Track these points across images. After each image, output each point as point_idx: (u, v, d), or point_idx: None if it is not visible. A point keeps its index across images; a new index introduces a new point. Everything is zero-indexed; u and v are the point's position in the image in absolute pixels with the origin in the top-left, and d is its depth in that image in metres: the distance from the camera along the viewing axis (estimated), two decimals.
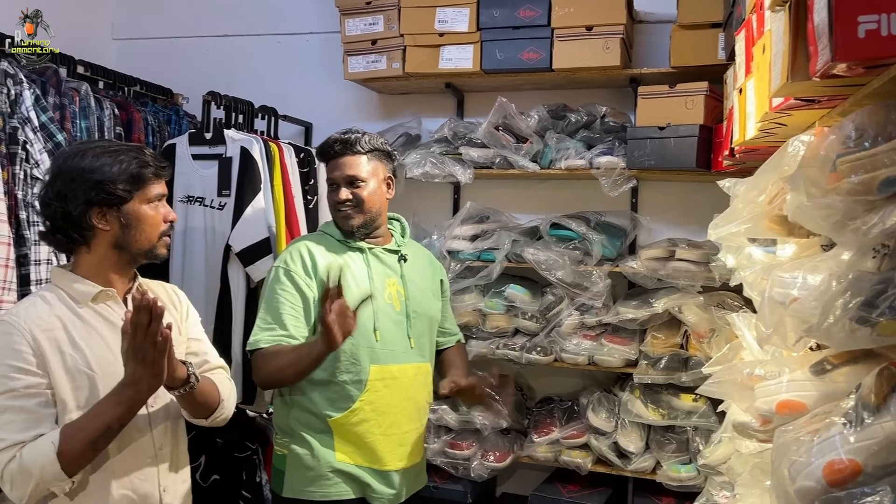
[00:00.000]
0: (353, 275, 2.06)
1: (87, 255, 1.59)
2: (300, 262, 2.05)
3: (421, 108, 3.25)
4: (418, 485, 2.18)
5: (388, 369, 2.04)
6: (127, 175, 1.56)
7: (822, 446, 0.97)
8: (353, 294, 2.01)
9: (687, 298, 2.62)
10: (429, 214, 3.18)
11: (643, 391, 2.69)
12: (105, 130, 2.57)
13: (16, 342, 1.47)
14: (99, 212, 1.56)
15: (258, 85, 3.29)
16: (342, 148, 2.11)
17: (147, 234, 1.60)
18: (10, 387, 1.45)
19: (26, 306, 1.54)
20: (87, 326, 1.56)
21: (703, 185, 2.82)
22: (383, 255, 2.14)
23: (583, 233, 2.76)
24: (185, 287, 2.58)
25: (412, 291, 2.15)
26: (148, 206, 1.60)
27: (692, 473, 2.57)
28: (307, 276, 2.03)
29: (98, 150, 1.58)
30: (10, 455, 1.42)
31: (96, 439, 1.46)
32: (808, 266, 1.19)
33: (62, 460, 1.42)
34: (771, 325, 1.18)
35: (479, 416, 2.78)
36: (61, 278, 1.59)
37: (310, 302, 2.02)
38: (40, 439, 1.44)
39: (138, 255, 1.62)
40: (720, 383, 1.42)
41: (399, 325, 2.10)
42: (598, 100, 2.95)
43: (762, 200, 1.35)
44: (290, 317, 2.00)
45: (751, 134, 1.62)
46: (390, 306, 2.09)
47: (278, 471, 2.07)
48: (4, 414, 1.44)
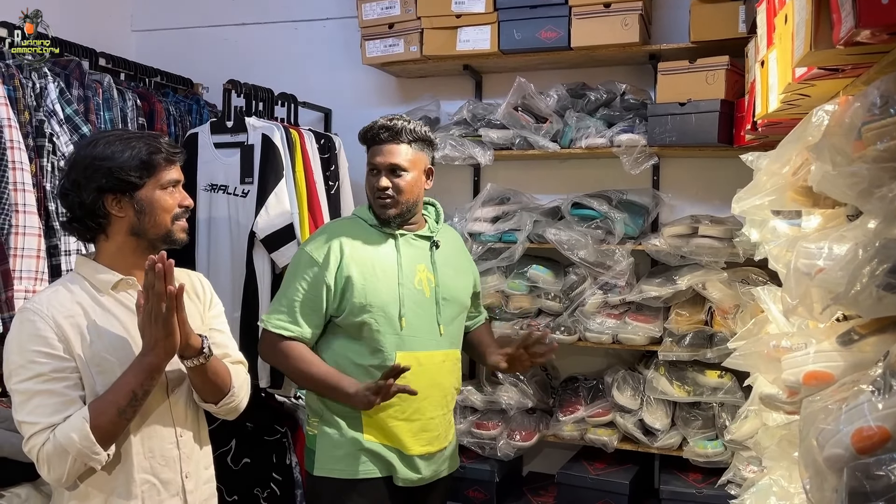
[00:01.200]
0: (381, 262, 2.07)
1: (107, 242, 1.62)
2: (326, 250, 2.06)
3: (439, 90, 3.25)
4: (447, 469, 2.19)
5: (415, 356, 2.05)
6: (137, 161, 1.57)
7: (850, 414, 0.97)
8: (381, 282, 2.04)
9: (711, 275, 2.61)
10: (449, 197, 3.18)
11: (668, 368, 2.69)
12: (128, 122, 2.61)
13: (40, 328, 1.50)
14: (113, 198, 1.58)
15: (277, 72, 3.30)
16: (388, 135, 2.09)
17: (161, 219, 1.61)
18: (38, 371, 1.48)
19: (48, 294, 1.57)
20: (107, 314, 1.58)
21: (724, 161, 2.79)
22: (415, 241, 2.14)
23: (604, 212, 2.76)
24: (211, 275, 2.63)
25: (442, 278, 2.15)
26: (162, 192, 1.61)
27: (719, 449, 2.57)
28: (328, 266, 2.04)
29: (111, 138, 1.60)
30: (44, 437, 1.45)
31: (124, 408, 1.50)
32: (834, 236, 1.18)
33: (95, 433, 1.46)
34: (797, 296, 1.18)
35: (504, 395, 2.80)
36: (84, 267, 1.62)
37: (322, 294, 2.04)
38: (71, 418, 1.48)
39: (155, 241, 1.63)
40: (746, 356, 1.42)
41: (428, 312, 2.10)
42: (617, 77, 2.93)
43: (786, 172, 1.34)
44: (304, 308, 2.05)
45: (773, 106, 1.61)
46: (420, 293, 2.09)
47: (310, 450, 2.13)
48: (34, 398, 1.47)
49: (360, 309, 2.03)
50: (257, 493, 2.83)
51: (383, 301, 2.04)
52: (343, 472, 2.06)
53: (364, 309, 2.03)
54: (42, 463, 1.46)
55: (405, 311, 2.05)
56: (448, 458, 2.19)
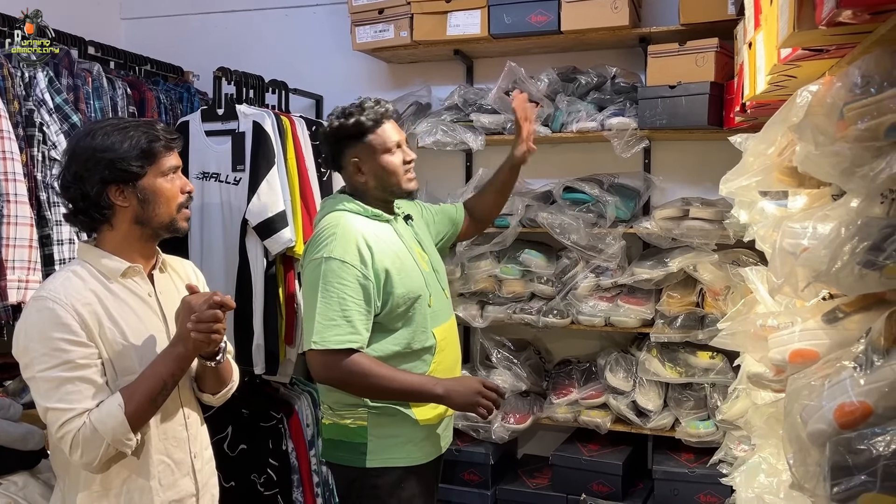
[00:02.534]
0: (397, 250, 2.04)
1: (111, 232, 1.63)
2: (356, 250, 1.94)
3: (430, 76, 3.24)
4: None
5: (444, 328, 2.11)
6: (138, 150, 1.58)
7: (833, 390, 0.99)
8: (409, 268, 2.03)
9: (702, 257, 2.62)
10: (441, 183, 3.19)
11: (660, 350, 2.71)
12: (119, 110, 2.60)
13: (61, 316, 1.51)
14: (116, 189, 1.59)
15: (267, 59, 3.30)
16: (393, 113, 2.11)
17: (166, 207, 1.63)
18: (65, 359, 1.50)
19: (61, 281, 1.57)
20: (119, 300, 1.60)
21: (715, 143, 2.80)
22: (400, 222, 2.16)
23: (596, 195, 2.77)
24: (204, 262, 2.64)
25: (427, 247, 2.20)
26: (164, 179, 1.62)
27: (711, 429, 2.60)
28: (364, 265, 1.94)
29: (108, 128, 1.60)
30: (80, 422, 1.48)
31: (155, 396, 1.54)
32: (818, 216, 1.20)
33: (130, 420, 1.50)
34: (782, 275, 1.19)
35: (498, 379, 2.82)
36: (89, 254, 1.63)
37: (370, 293, 1.94)
38: (104, 404, 1.51)
39: (160, 229, 1.65)
40: (734, 335, 1.44)
41: (436, 285, 2.14)
42: (607, 61, 2.93)
43: (772, 153, 1.36)
44: (357, 313, 1.91)
45: (761, 88, 1.62)
46: (426, 270, 2.12)
47: (354, 444, 2.00)
48: (66, 385, 1.49)
49: (404, 298, 1.98)
50: (254, 479, 2.85)
51: (417, 284, 2.04)
52: (404, 459, 2.01)
53: (407, 297, 1.99)
54: (76, 447, 1.48)
55: (430, 290, 2.08)
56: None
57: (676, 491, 2.61)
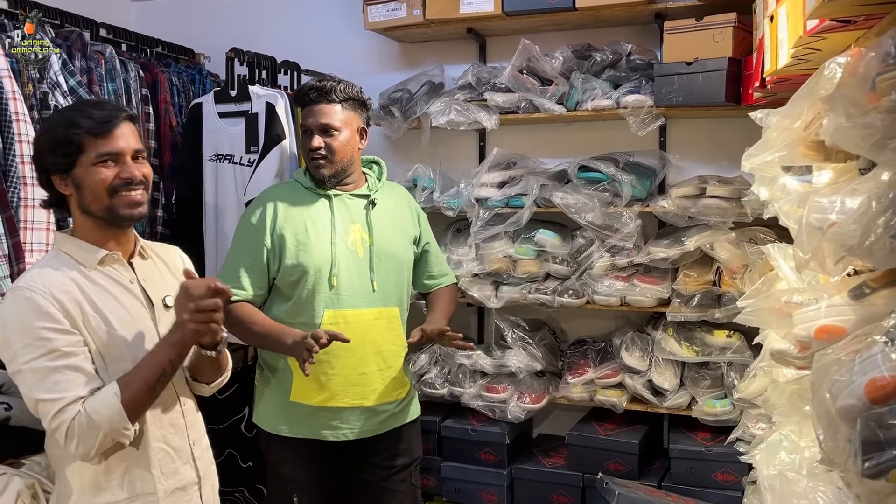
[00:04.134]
0: (314, 223, 2.15)
1: (74, 221, 1.62)
2: (260, 213, 2.15)
3: (443, 55, 3.22)
4: (399, 421, 2.26)
5: (343, 314, 2.14)
6: (58, 142, 1.54)
7: (863, 365, 0.98)
8: (312, 243, 2.12)
9: (719, 235, 2.60)
10: (455, 163, 3.18)
11: (676, 329, 2.70)
12: (132, 92, 2.59)
13: (41, 305, 1.47)
14: (59, 178, 1.56)
15: (279, 40, 3.27)
16: (317, 95, 2.16)
17: (96, 195, 1.55)
18: (50, 348, 1.46)
19: (38, 271, 1.55)
20: (100, 288, 1.57)
21: (732, 121, 2.77)
22: (350, 201, 2.21)
23: (611, 174, 2.74)
24: (220, 245, 2.64)
25: (378, 235, 2.21)
26: (94, 168, 1.54)
27: (727, 408, 2.60)
28: (264, 228, 2.14)
29: (53, 116, 1.60)
30: (74, 411, 1.45)
31: (154, 384, 1.51)
32: (846, 190, 1.18)
33: (127, 409, 1.47)
34: (809, 250, 1.18)
35: (513, 359, 2.82)
36: (65, 243, 1.61)
37: (262, 254, 2.13)
38: (100, 392, 1.48)
39: (103, 217, 1.57)
40: (757, 312, 1.43)
41: (361, 271, 2.17)
42: (623, 38, 2.90)
43: (797, 126, 1.34)
44: (245, 269, 2.14)
45: (783, 62, 1.59)
46: (353, 252, 2.17)
47: (255, 400, 2.32)
48: (54, 374, 1.46)
49: (293, 269, 2.13)
50: None
51: (315, 261, 2.13)
52: (272, 427, 2.21)
53: (297, 269, 2.12)
54: (72, 437, 1.45)
55: (337, 271, 2.13)
56: (397, 412, 2.26)
57: (693, 469, 2.61)
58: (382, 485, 2.27)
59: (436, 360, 3.00)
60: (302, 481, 2.19)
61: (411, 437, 2.34)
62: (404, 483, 2.30)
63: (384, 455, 2.27)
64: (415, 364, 2.94)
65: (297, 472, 2.19)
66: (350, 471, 2.28)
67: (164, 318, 1.65)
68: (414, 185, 3.00)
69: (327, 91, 2.15)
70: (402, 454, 2.29)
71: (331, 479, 2.25)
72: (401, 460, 2.29)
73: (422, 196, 2.95)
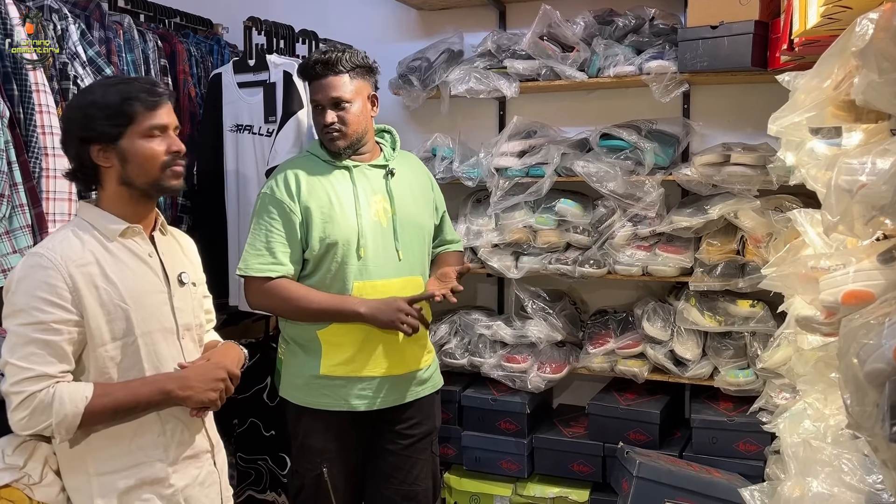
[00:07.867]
0: (337, 196, 2.13)
1: (103, 192, 1.62)
2: (284, 187, 2.12)
3: (462, 22, 3.17)
4: (425, 390, 2.28)
5: (372, 284, 2.14)
6: (111, 111, 1.55)
7: (892, 328, 0.96)
8: (338, 215, 2.11)
9: (743, 203, 2.56)
10: (474, 132, 3.15)
11: (699, 299, 2.68)
12: (150, 63, 2.58)
13: (51, 276, 1.49)
14: (99, 149, 1.57)
15: (296, 9, 3.25)
16: (323, 68, 2.12)
17: (146, 168, 1.59)
18: (40, 319, 1.48)
19: (60, 240, 1.56)
20: (118, 261, 1.59)
21: (757, 87, 2.71)
22: (369, 172, 2.19)
23: (634, 142, 2.70)
24: (241, 217, 2.65)
25: (400, 205, 2.20)
26: (144, 140, 1.57)
27: (750, 378, 2.57)
28: (292, 201, 2.10)
29: (96, 86, 1.58)
30: (42, 385, 1.46)
31: (121, 410, 1.53)
32: (877, 151, 1.15)
33: (84, 417, 1.48)
34: (838, 213, 1.15)
35: (533, 329, 2.81)
36: (88, 212, 1.62)
37: (296, 227, 2.10)
38: (75, 386, 1.50)
39: (147, 190, 1.61)
40: (783, 277, 1.40)
41: (386, 241, 2.17)
42: (646, 2, 2.83)
43: (827, 86, 1.30)
44: (280, 244, 2.10)
45: (812, 22, 1.54)
46: (377, 223, 2.16)
47: (277, 371, 2.32)
48: (30, 345, 1.47)
49: (321, 242, 2.11)
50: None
51: (343, 233, 2.11)
52: (301, 399, 2.20)
53: (324, 242, 2.10)
54: (23, 408, 1.46)
55: (364, 242, 2.12)
56: (423, 380, 2.28)
57: (715, 439, 2.60)
58: (405, 453, 2.28)
59: (456, 331, 3.00)
60: (332, 452, 2.20)
61: (433, 406, 2.36)
62: (426, 451, 2.32)
63: (408, 423, 2.28)
64: (434, 334, 2.94)
65: (328, 443, 2.20)
66: (374, 439, 2.29)
67: (178, 293, 1.68)
68: (433, 155, 2.98)
69: (333, 62, 2.10)
70: (425, 422, 2.31)
71: (358, 448, 2.27)
72: (423, 428, 2.31)
73: (441, 166, 2.93)
